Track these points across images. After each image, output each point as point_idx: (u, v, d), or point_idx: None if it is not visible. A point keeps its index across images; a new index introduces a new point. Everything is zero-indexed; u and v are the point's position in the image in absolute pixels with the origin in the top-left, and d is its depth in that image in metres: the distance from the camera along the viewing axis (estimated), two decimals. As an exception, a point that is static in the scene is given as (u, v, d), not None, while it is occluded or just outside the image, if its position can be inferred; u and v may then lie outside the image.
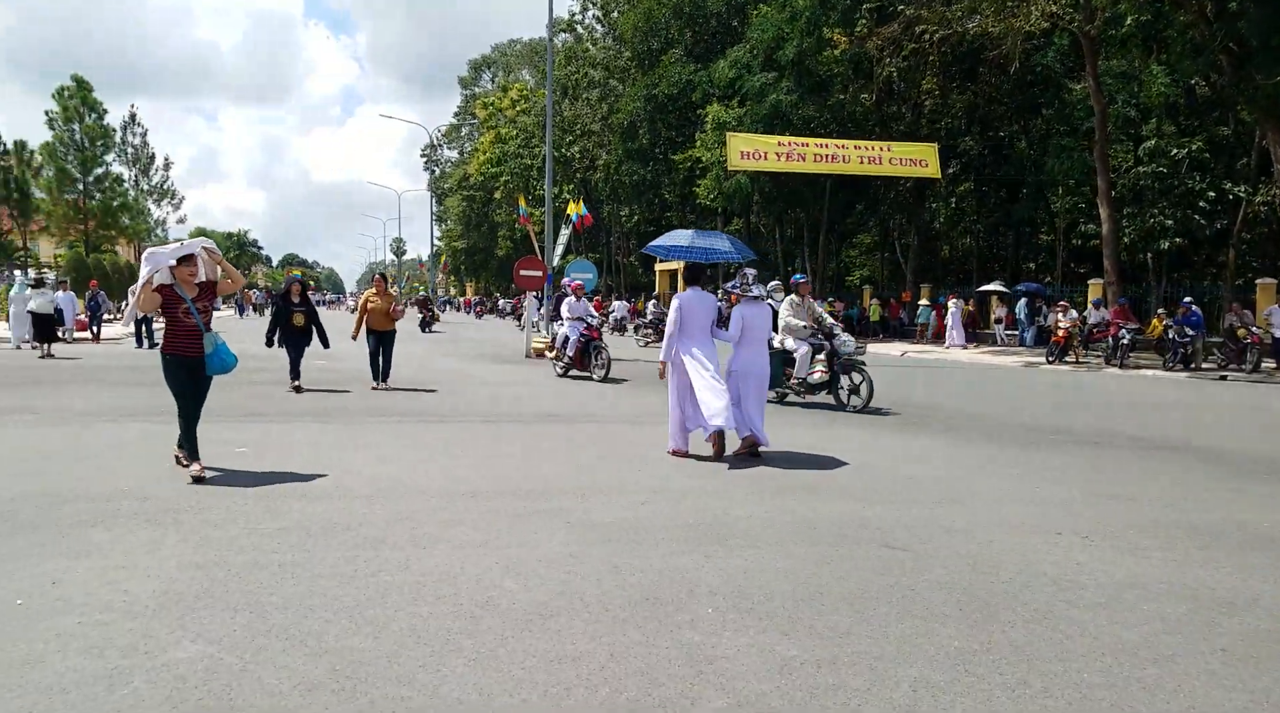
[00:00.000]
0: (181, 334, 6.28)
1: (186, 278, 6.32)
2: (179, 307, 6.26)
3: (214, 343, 6.35)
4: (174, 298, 6.24)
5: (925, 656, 3.43)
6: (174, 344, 6.30)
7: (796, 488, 6.40)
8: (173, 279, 6.28)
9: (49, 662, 3.18)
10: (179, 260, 6.26)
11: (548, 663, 3.28)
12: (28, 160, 41.63)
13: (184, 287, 6.30)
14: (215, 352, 6.35)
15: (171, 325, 6.29)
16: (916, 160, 22.71)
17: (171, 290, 6.24)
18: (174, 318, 6.27)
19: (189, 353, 6.30)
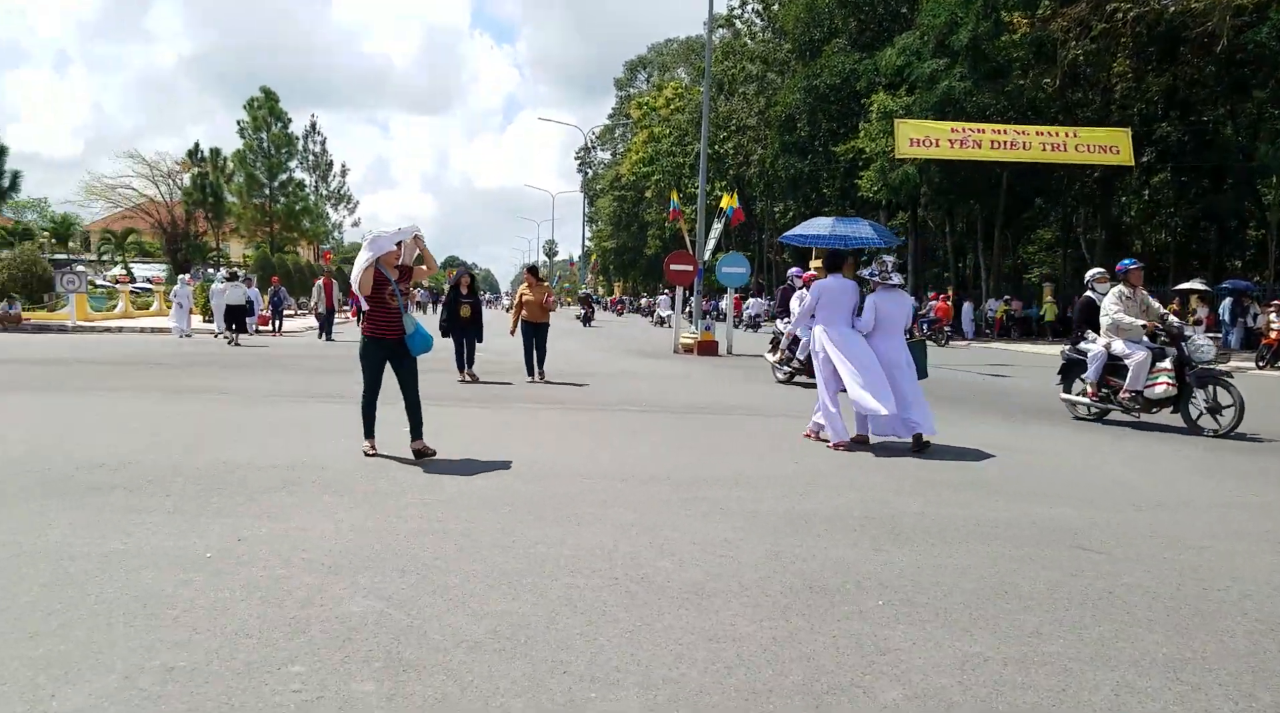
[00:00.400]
0: (383, 316, 6.34)
1: (391, 261, 6.43)
2: (385, 289, 6.32)
3: (413, 324, 6.41)
4: (381, 280, 6.31)
5: (1128, 659, 3.07)
6: (376, 326, 6.36)
7: (974, 485, 5.98)
8: (380, 262, 6.37)
9: (234, 610, 3.35)
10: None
11: (706, 641, 3.15)
12: (221, 167, 45.48)
13: (388, 269, 6.40)
14: (416, 331, 6.41)
15: (375, 307, 6.33)
16: (1106, 147, 20.93)
17: (380, 273, 6.32)
18: (379, 300, 6.32)
19: (390, 335, 6.37)
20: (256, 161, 45.60)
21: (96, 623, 3.17)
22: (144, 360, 14.41)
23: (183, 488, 5.27)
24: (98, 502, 4.90)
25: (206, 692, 2.66)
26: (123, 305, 28.27)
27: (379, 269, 6.31)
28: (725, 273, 19.83)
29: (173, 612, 3.30)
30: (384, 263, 6.35)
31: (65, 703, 2.57)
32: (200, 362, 14.40)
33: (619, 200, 71.98)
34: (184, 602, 3.41)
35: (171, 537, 4.26)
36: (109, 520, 4.52)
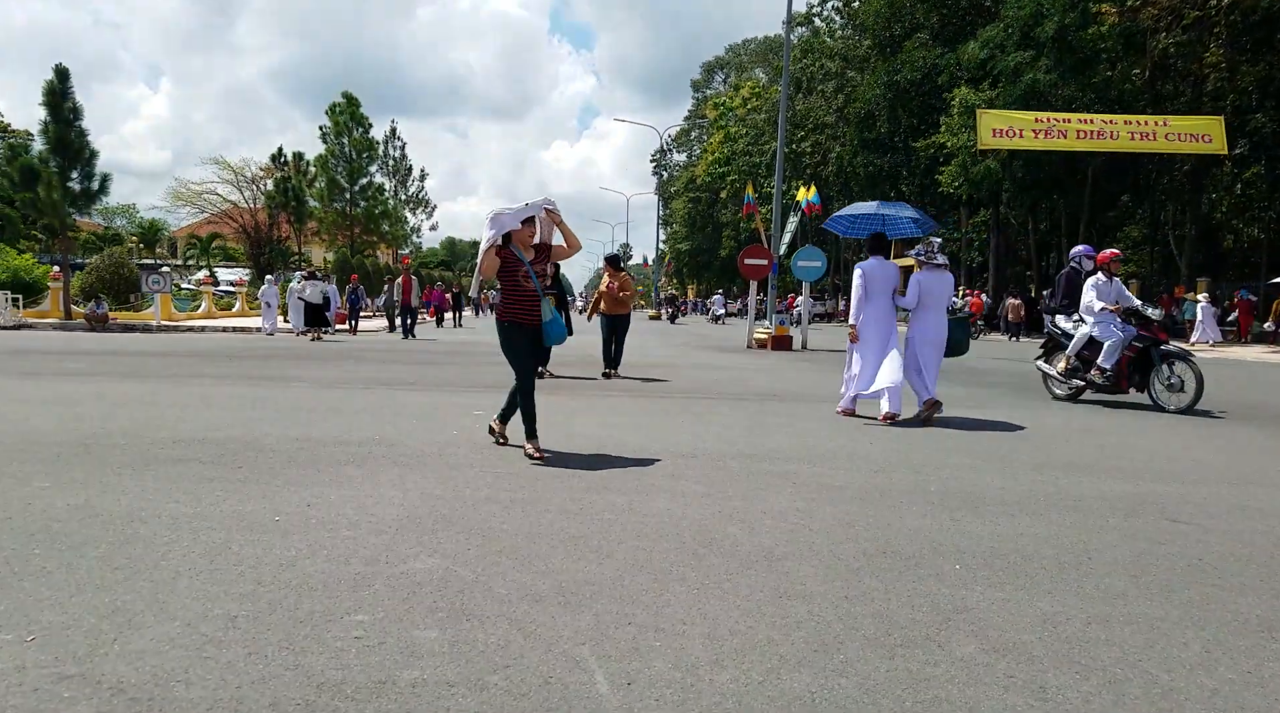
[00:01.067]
0: (520, 300, 5.78)
1: (525, 240, 5.84)
2: (518, 271, 5.74)
3: (550, 311, 5.86)
4: (513, 261, 5.73)
5: (1219, 621, 2.92)
6: (512, 310, 5.81)
7: (1058, 465, 5.78)
8: (510, 242, 5.79)
9: (299, 565, 3.40)
10: (521, 223, 5.76)
11: (776, 598, 3.10)
12: (303, 171, 46.76)
13: (521, 249, 5.81)
14: (553, 320, 5.89)
15: (510, 291, 5.80)
16: (1198, 135, 20.01)
17: (510, 253, 5.75)
18: (513, 283, 5.77)
19: (528, 320, 5.82)
20: (338, 166, 46.79)
21: (161, 577, 3.24)
22: (225, 353, 14.97)
23: (255, 460, 5.39)
24: (172, 472, 5.01)
25: (268, 638, 2.70)
26: (206, 306, 29.38)
27: (510, 250, 5.75)
28: (801, 267, 19.61)
29: (238, 568, 3.35)
30: (517, 243, 5.79)
31: (127, 646, 2.62)
32: (279, 355, 14.88)
33: (694, 202, 71.96)
34: (250, 559, 3.46)
35: (242, 503, 4.35)
36: (181, 489, 4.62)
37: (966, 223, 41.31)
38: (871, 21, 38.99)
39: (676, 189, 79.57)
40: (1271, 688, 2.44)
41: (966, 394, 10.47)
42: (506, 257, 5.72)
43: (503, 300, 5.85)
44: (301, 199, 44.50)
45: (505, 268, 5.73)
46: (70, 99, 24.88)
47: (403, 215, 54.15)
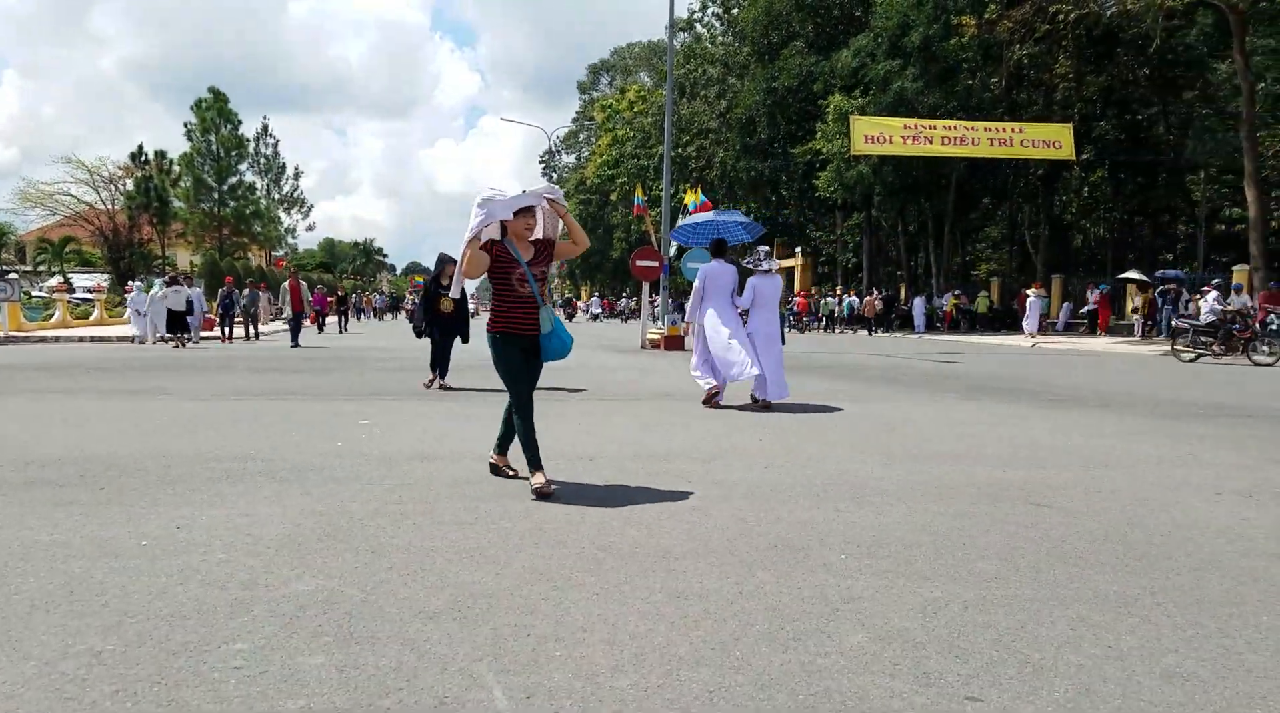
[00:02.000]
0: (515, 307, 4.86)
1: (521, 234, 4.88)
2: (513, 272, 4.81)
3: (551, 320, 4.87)
4: (507, 260, 4.80)
5: (1083, 599, 3.14)
6: (506, 320, 4.88)
7: (932, 455, 6.06)
8: (505, 235, 4.87)
9: (170, 593, 3.19)
10: (515, 213, 4.78)
11: (674, 598, 3.14)
12: (167, 170, 44.37)
13: (518, 246, 4.87)
14: (554, 331, 4.88)
15: (502, 296, 4.88)
16: (1050, 142, 21.49)
17: (504, 250, 4.82)
18: (505, 287, 4.87)
19: (525, 331, 4.88)
20: (204, 164, 44.71)
21: (14, 612, 2.99)
22: (82, 366, 14.05)
23: (117, 481, 5.05)
24: (24, 497, 4.65)
25: (137, 673, 2.51)
26: (60, 315, 27.49)
27: (505, 246, 4.84)
28: (690, 268, 19.94)
29: (101, 598, 3.13)
30: (512, 237, 4.86)
31: (-28, 691, 2.39)
32: (142, 367, 14.05)
33: (584, 203, 71.89)
34: (115, 589, 3.23)
35: (104, 527, 4.06)
36: (35, 514, 4.29)
37: (842, 225, 42.84)
38: (750, 29, 39.96)
39: (567, 191, 79.45)
40: (1130, 661, 2.62)
41: (848, 387, 10.86)
42: (499, 253, 4.80)
43: (494, 309, 4.92)
44: (165, 200, 42.18)
45: (497, 267, 4.82)
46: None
47: (276, 215, 52.16)
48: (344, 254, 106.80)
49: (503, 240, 4.84)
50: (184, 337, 19.90)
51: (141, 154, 44.05)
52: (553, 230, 5.09)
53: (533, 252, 4.92)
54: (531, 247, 4.95)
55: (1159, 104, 30.54)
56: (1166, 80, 29.23)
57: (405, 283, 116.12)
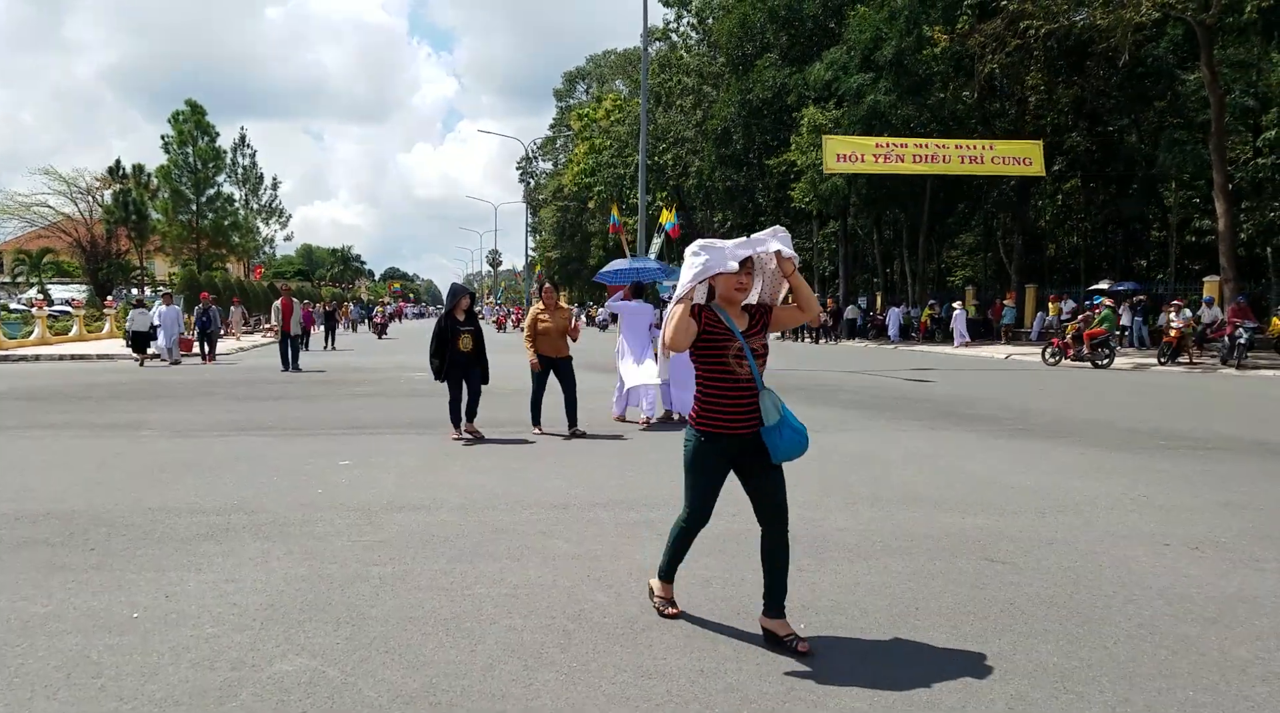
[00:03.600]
0: (730, 395, 3.60)
1: (733, 295, 3.64)
2: (728, 347, 3.59)
3: (777, 407, 3.61)
4: (719, 331, 3.61)
5: (1023, 672, 3.35)
6: (716, 413, 3.62)
7: (894, 500, 6.28)
8: (711, 298, 3.71)
9: (163, 674, 3.33)
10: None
11: (639, 678, 3.32)
12: (145, 183, 44.27)
13: (729, 311, 3.65)
14: (784, 420, 3.60)
15: (712, 379, 3.64)
16: (1021, 158, 21.91)
17: (715, 317, 3.63)
18: (717, 367, 3.61)
19: (742, 427, 3.61)
20: (182, 177, 44.55)
21: (15, 697, 3.12)
22: (64, 394, 14.06)
23: (106, 540, 5.18)
24: (17, 560, 4.78)
25: None
26: (39, 331, 27.35)
27: (715, 312, 3.63)
28: (666, 287, 20.27)
29: (98, 681, 3.26)
30: (722, 299, 3.67)
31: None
32: (123, 395, 14.09)
33: (562, 211, 72.10)
34: (110, 669, 3.37)
35: (96, 596, 4.19)
36: (30, 580, 4.43)
37: (818, 234, 43.25)
38: (724, 40, 40.28)
39: (545, 197, 79.54)
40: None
41: (821, 415, 11.07)
42: (709, 322, 3.62)
43: (701, 396, 3.70)
44: (143, 213, 42.00)
45: (707, 341, 3.61)
46: None
47: (254, 226, 51.97)
48: (322, 261, 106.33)
49: (710, 305, 3.67)
50: (145, 355, 20.55)
51: (120, 168, 43.87)
52: (771, 292, 3.86)
53: (747, 320, 3.70)
54: (745, 314, 3.71)
55: (1130, 115, 31.10)
56: (1137, 92, 29.79)
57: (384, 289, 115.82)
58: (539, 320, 9.54)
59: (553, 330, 9.53)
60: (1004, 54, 27.81)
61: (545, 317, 9.57)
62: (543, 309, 9.67)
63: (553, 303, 9.74)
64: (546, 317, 9.57)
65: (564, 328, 9.60)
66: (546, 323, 9.54)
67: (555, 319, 9.60)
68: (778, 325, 3.87)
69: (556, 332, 9.55)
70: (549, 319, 9.56)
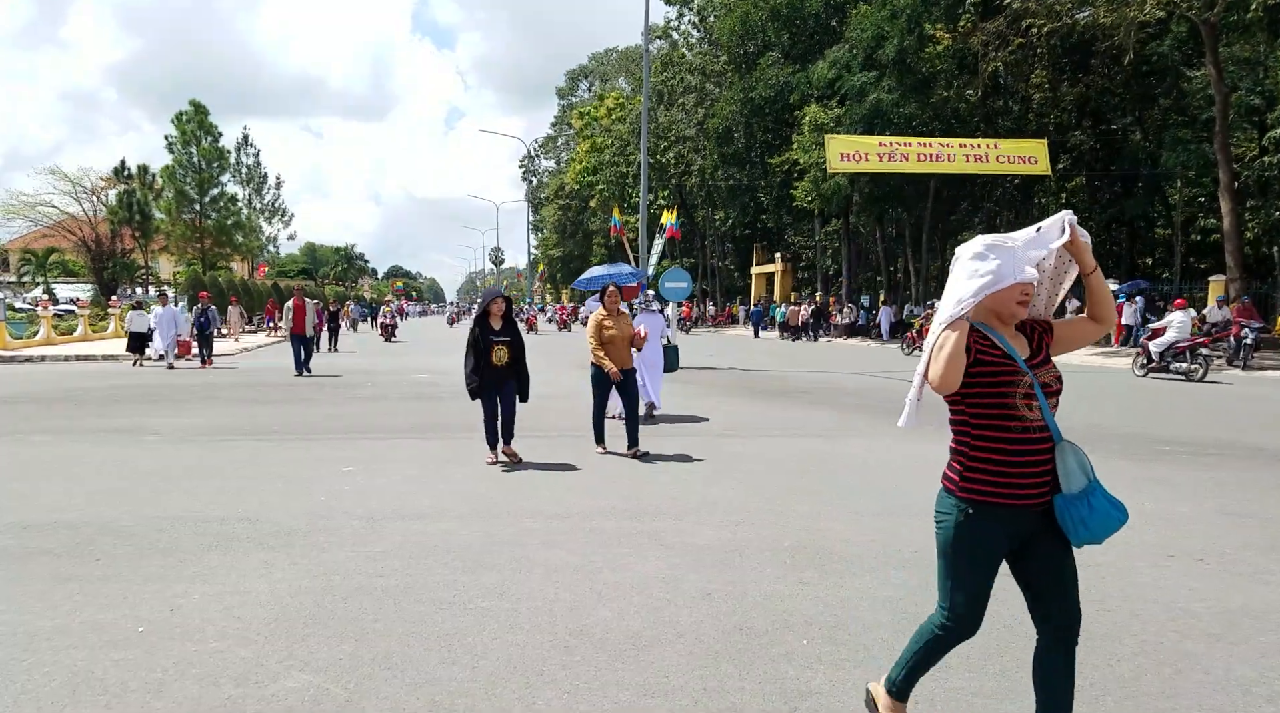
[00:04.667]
0: (1014, 448, 2.60)
1: (1014, 309, 2.64)
2: (1015, 383, 2.58)
3: (1084, 468, 2.63)
4: (996, 360, 2.61)
5: (1026, 690, 3.31)
6: (996, 473, 2.62)
7: (899, 509, 6.27)
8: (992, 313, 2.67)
9: (169, 690, 3.35)
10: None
11: (641, 696, 3.33)
12: (149, 183, 44.42)
13: (1002, 332, 2.66)
14: (1092, 486, 2.62)
15: (982, 425, 2.63)
16: (1025, 157, 21.87)
17: (988, 342, 2.63)
18: (997, 410, 2.60)
19: (1029, 496, 2.63)
20: (186, 177, 44.70)
21: None
22: (67, 397, 14.09)
23: (111, 550, 5.20)
24: (23, 571, 4.80)
25: None
26: (44, 331, 27.39)
27: (985, 335, 2.64)
28: (669, 288, 20.28)
29: (104, 698, 3.28)
30: (993, 316, 2.66)
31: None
32: (126, 398, 14.11)
33: (564, 209, 72.16)
34: (116, 685, 3.38)
35: (102, 609, 4.21)
36: (35, 593, 4.44)
37: (820, 233, 43.21)
38: (726, 39, 40.25)
39: (546, 196, 79.57)
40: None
41: (824, 418, 11.08)
42: (982, 349, 2.60)
43: (970, 451, 2.66)
44: (147, 213, 42.13)
45: (984, 376, 2.59)
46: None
47: (258, 225, 52.08)
48: (325, 259, 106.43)
49: (976, 325, 2.64)
50: (140, 357, 20.59)
51: (124, 168, 44.02)
52: (1047, 300, 2.85)
53: (1024, 342, 2.69)
54: (1019, 335, 2.70)
55: (1134, 113, 31.03)
56: (1141, 90, 29.73)
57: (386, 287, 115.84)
58: (604, 327, 8.51)
59: (619, 339, 8.51)
60: (1007, 52, 27.78)
61: (610, 324, 8.54)
62: (606, 315, 8.58)
63: (616, 307, 8.65)
64: (612, 324, 8.54)
65: (630, 336, 8.61)
66: (612, 331, 8.51)
67: (620, 326, 8.57)
68: (1062, 347, 2.80)
69: (623, 340, 8.54)
70: (614, 326, 8.53)
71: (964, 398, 2.64)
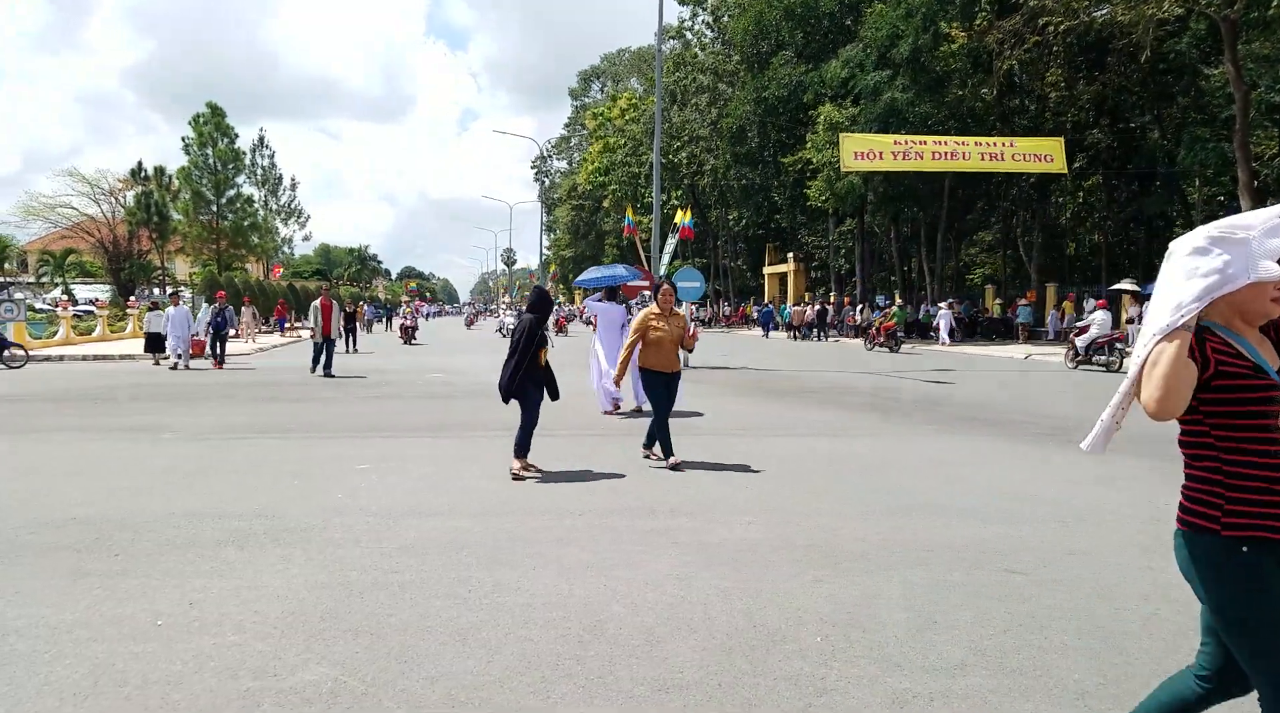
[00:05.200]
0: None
1: (1268, 309, 2.19)
2: (1272, 399, 2.16)
3: None
4: (1242, 372, 2.15)
5: (1043, 690, 3.33)
6: (1267, 504, 2.14)
7: (913, 508, 6.25)
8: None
9: (187, 683, 3.38)
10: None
11: (655, 691, 3.33)
12: (166, 185, 44.81)
13: (1246, 336, 2.23)
14: None
15: (1239, 448, 2.17)
16: (1041, 155, 21.69)
17: (1230, 352, 2.17)
18: (1253, 427, 2.16)
19: None
20: (202, 178, 45.07)
21: (45, 706, 3.18)
22: (85, 396, 14.22)
23: (130, 545, 5.25)
24: (44, 565, 4.85)
25: None
26: (64, 331, 27.67)
27: (1228, 342, 2.19)
28: (682, 288, 20.23)
29: (124, 689, 3.31)
30: (1234, 322, 2.22)
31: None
32: (145, 396, 14.22)
33: (576, 210, 72.28)
34: (136, 678, 3.41)
35: (121, 604, 4.25)
36: (56, 587, 4.49)
37: (834, 232, 43.08)
38: (739, 38, 40.19)
39: (559, 196, 79.69)
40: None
41: (834, 419, 11.05)
42: (1225, 360, 2.17)
43: (1224, 485, 2.19)
44: (164, 214, 42.50)
45: (1232, 388, 2.16)
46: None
47: (274, 226, 52.39)
48: (339, 260, 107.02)
49: (1212, 325, 2.22)
50: (159, 356, 20.65)
51: (141, 170, 44.43)
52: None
53: (1270, 349, 2.26)
54: (1264, 340, 2.28)
55: (1152, 112, 30.78)
56: (1159, 88, 29.48)
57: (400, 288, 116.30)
58: (651, 327, 7.88)
59: (666, 340, 7.86)
60: (1023, 50, 27.58)
61: (660, 323, 7.90)
62: (658, 313, 7.96)
63: (670, 306, 8.05)
64: (661, 323, 7.90)
65: (680, 337, 7.97)
66: (660, 331, 7.86)
67: (671, 326, 7.91)
68: None
69: (671, 341, 7.89)
70: (664, 326, 7.89)
71: (1206, 417, 2.19)
